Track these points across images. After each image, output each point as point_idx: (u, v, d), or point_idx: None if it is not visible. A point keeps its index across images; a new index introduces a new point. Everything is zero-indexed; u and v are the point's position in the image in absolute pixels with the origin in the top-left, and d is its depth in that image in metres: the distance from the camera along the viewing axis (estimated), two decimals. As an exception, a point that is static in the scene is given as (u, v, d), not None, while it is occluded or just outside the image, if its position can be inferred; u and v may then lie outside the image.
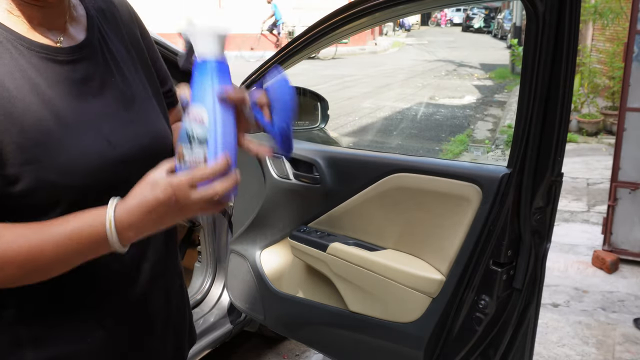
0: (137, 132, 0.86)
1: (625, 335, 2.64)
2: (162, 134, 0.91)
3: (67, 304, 0.83)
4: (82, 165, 0.77)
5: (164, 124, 0.93)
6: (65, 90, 0.79)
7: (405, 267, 1.41)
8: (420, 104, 9.45)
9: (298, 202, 1.70)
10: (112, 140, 0.81)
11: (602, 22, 6.79)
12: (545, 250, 1.28)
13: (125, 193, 0.80)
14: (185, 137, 0.79)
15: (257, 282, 1.84)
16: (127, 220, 0.74)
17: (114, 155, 0.81)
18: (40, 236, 0.74)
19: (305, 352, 2.50)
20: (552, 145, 1.18)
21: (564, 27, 1.10)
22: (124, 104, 0.86)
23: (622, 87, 3.31)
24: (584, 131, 6.66)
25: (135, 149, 0.84)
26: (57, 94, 0.77)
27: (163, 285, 0.96)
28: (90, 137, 0.79)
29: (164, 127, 0.93)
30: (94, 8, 0.89)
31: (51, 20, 0.81)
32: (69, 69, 0.80)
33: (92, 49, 0.85)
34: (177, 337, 1.02)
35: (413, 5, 1.35)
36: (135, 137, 0.85)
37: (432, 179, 1.35)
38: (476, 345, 1.34)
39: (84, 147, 0.78)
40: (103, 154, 0.80)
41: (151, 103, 0.92)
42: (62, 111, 0.77)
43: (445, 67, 14.54)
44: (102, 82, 0.84)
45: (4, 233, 0.73)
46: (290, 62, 1.69)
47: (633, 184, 3.27)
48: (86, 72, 0.82)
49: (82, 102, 0.80)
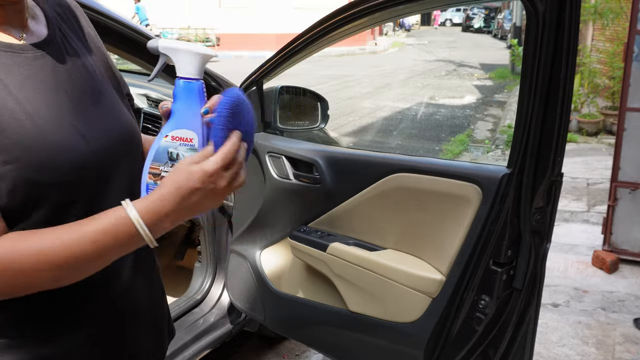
0: (107, 127, 0.86)
1: (625, 335, 2.64)
2: (130, 128, 0.92)
3: (55, 303, 0.82)
4: (60, 162, 0.77)
5: (131, 118, 0.95)
6: (35, 86, 0.78)
7: (405, 267, 1.41)
8: (420, 104, 9.46)
9: (298, 202, 1.70)
10: (86, 135, 0.81)
11: (602, 22, 6.79)
12: (545, 250, 1.28)
13: (104, 188, 0.82)
14: (166, 157, 0.81)
15: (257, 282, 1.84)
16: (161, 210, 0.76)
17: (89, 150, 0.81)
18: (73, 235, 0.74)
19: (305, 352, 2.50)
20: (552, 145, 1.18)
21: (564, 27, 1.10)
22: (92, 99, 0.86)
23: (622, 87, 3.31)
24: (584, 131, 6.66)
25: (108, 143, 0.85)
26: (28, 91, 0.77)
27: (144, 279, 0.97)
28: (65, 133, 0.79)
29: (131, 121, 0.94)
30: (50, 9, 0.90)
31: (12, 18, 0.81)
32: (36, 65, 0.80)
33: (56, 45, 0.85)
34: (157, 330, 1.04)
35: (413, 5, 1.34)
36: (107, 131, 0.85)
37: (432, 179, 1.35)
38: (476, 345, 1.34)
39: (61, 143, 0.78)
40: (79, 149, 0.80)
41: (116, 98, 0.92)
42: (35, 108, 0.77)
43: (445, 67, 14.54)
44: (69, 77, 0.84)
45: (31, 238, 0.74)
46: (290, 62, 1.69)
47: (633, 184, 3.27)
48: (53, 67, 0.82)
49: (54, 98, 0.80)
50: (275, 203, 1.76)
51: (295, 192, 1.69)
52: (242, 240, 1.89)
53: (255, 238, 1.85)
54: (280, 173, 1.72)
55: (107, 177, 0.85)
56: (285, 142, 1.77)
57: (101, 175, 0.83)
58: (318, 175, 1.60)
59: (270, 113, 1.84)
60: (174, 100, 0.83)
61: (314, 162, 1.61)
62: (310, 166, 1.62)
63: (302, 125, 1.98)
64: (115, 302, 0.91)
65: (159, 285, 1.06)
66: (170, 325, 1.13)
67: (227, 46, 18.43)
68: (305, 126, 1.99)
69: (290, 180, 1.68)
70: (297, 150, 1.68)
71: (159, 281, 1.07)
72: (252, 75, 1.79)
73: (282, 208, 1.75)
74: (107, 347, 0.91)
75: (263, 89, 1.84)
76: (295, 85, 1.94)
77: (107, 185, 0.85)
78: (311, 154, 1.63)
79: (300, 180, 1.66)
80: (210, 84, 1.99)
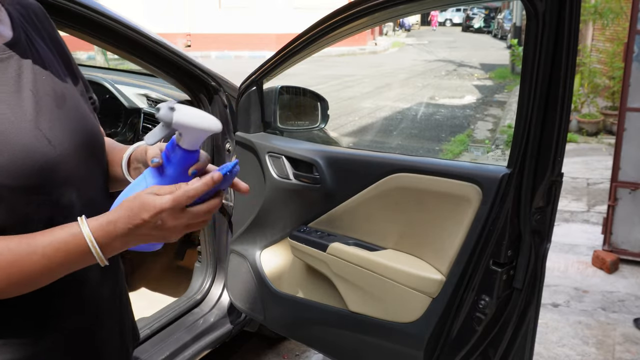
0: (72, 130, 0.85)
1: (625, 335, 2.64)
2: (95, 131, 0.92)
3: (17, 309, 0.81)
4: (24, 165, 0.76)
5: (95, 121, 0.94)
6: (0, 88, 0.78)
7: (405, 267, 1.41)
8: (420, 104, 9.46)
9: (298, 202, 1.70)
10: (51, 138, 0.81)
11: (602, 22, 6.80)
12: (545, 250, 1.28)
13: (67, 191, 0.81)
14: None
15: (257, 282, 1.84)
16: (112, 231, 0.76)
17: (54, 153, 0.80)
18: (24, 247, 0.74)
19: (305, 352, 2.50)
20: (552, 145, 1.18)
21: (564, 27, 1.10)
22: (57, 102, 0.85)
23: (622, 87, 3.31)
24: (584, 131, 6.66)
25: (72, 146, 0.84)
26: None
27: (110, 284, 0.97)
28: (30, 136, 0.78)
29: (95, 125, 0.93)
30: (14, 10, 0.88)
31: None
32: (1, 67, 0.79)
33: (22, 47, 0.83)
34: (122, 334, 1.03)
35: (413, 5, 1.34)
36: (71, 134, 0.85)
37: (432, 179, 1.35)
38: (476, 345, 1.34)
39: (25, 146, 0.77)
40: (44, 152, 0.79)
41: (80, 101, 0.92)
42: (0, 110, 0.76)
43: (445, 67, 14.54)
44: (34, 79, 0.82)
45: None
46: (290, 62, 1.69)
47: (633, 184, 3.27)
48: (18, 69, 0.81)
49: (19, 100, 0.79)
50: (275, 203, 1.76)
51: (295, 192, 1.69)
52: (242, 240, 1.89)
53: (255, 238, 1.85)
54: (280, 173, 1.72)
55: (70, 181, 0.84)
56: (285, 142, 1.77)
57: (64, 178, 0.82)
58: (318, 175, 1.60)
59: (270, 113, 1.84)
60: (168, 163, 0.82)
61: (314, 162, 1.60)
62: (310, 166, 1.62)
63: (302, 125, 1.98)
64: (82, 307, 0.90)
65: (123, 289, 1.06)
66: (134, 330, 1.12)
67: (227, 46, 18.43)
68: (305, 126, 1.99)
69: (290, 180, 1.68)
70: (297, 150, 1.68)
71: (124, 285, 1.06)
72: (252, 75, 1.79)
73: (282, 208, 1.75)
74: (74, 353, 0.90)
75: (263, 89, 1.84)
76: (295, 85, 1.93)
77: (69, 189, 0.84)
78: (311, 154, 1.63)
79: (300, 180, 1.66)
80: (210, 84, 1.99)
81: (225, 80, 2.05)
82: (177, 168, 0.82)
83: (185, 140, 0.80)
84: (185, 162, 0.82)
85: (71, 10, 1.49)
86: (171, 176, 0.82)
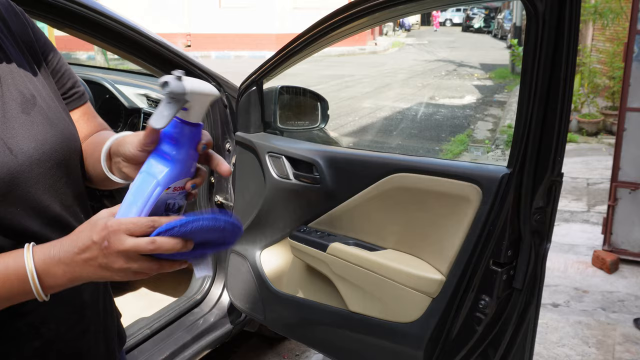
0: (39, 135, 0.81)
1: (625, 335, 2.64)
2: (67, 135, 0.86)
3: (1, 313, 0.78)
4: None
5: (70, 124, 0.89)
6: None
7: (405, 267, 1.41)
8: (420, 104, 9.46)
9: (298, 202, 1.70)
10: (12, 146, 0.77)
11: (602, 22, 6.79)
12: (545, 250, 1.28)
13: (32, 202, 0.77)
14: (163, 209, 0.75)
15: (257, 282, 1.84)
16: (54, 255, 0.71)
17: (15, 162, 0.76)
18: None
19: (305, 352, 2.50)
20: (552, 145, 1.18)
21: (564, 27, 1.10)
22: (23, 106, 0.80)
23: (622, 87, 3.31)
24: (584, 131, 6.67)
25: (39, 153, 0.80)
26: None
27: (91, 289, 0.93)
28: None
29: (69, 128, 0.88)
30: None
31: None
32: None
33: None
34: (107, 338, 1.00)
35: (413, 5, 1.34)
36: (37, 140, 0.80)
37: (432, 179, 1.35)
38: (476, 345, 1.34)
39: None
40: (4, 162, 0.75)
41: (53, 103, 0.87)
42: None
43: (445, 67, 14.54)
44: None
45: None
46: (290, 62, 1.69)
47: (633, 184, 3.27)
48: None
49: None
50: (275, 203, 1.76)
51: (295, 192, 1.69)
52: (242, 240, 1.89)
53: (255, 238, 1.85)
54: (280, 173, 1.72)
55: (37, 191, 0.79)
56: (285, 142, 1.77)
57: (30, 189, 0.78)
58: (318, 175, 1.60)
59: (270, 113, 1.84)
60: (175, 146, 0.74)
61: (314, 162, 1.60)
62: (310, 166, 1.62)
63: (302, 125, 1.98)
64: (63, 313, 0.87)
65: (107, 293, 1.02)
66: (120, 334, 1.09)
67: (227, 46, 18.43)
68: (305, 126, 1.99)
69: (290, 180, 1.68)
70: (297, 150, 1.68)
71: (107, 289, 1.03)
72: (252, 75, 1.79)
73: (282, 208, 1.75)
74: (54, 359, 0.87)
75: (263, 89, 1.84)
76: (295, 85, 1.94)
77: (37, 199, 0.80)
78: (311, 154, 1.63)
79: (300, 180, 1.66)
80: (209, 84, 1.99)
81: (225, 80, 2.05)
82: (189, 148, 0.75)
83: (192, 113, 0.73)
84: (196, 138, 0.75)
85: (71, 10, 1.49)
86: (182, 160, 0.74)
